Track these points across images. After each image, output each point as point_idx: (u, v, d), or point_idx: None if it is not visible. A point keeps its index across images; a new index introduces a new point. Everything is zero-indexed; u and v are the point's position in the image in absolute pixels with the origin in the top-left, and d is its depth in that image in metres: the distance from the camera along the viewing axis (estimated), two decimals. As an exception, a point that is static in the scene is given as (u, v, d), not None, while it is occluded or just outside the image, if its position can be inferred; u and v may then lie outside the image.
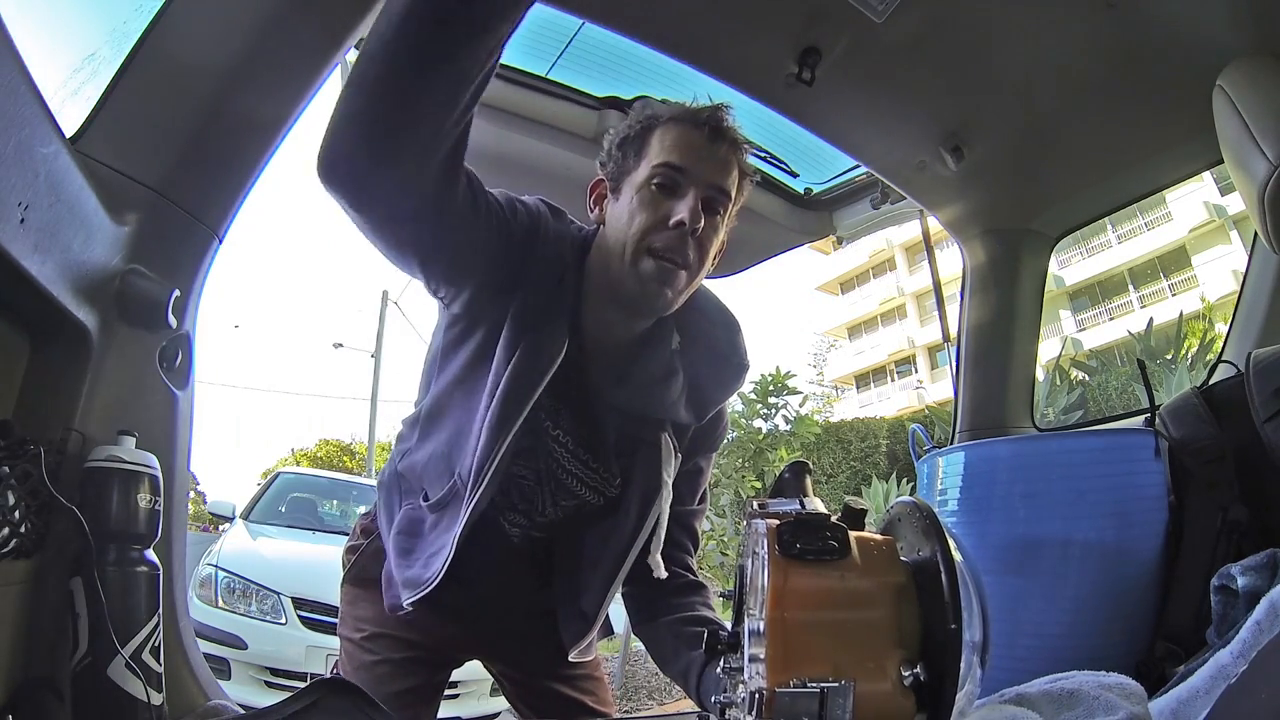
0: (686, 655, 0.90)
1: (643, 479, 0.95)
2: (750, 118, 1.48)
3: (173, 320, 0.83)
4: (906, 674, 0.50)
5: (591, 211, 0.94)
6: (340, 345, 15.56)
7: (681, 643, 0.91)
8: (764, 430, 6.04)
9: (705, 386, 0.96)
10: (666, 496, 0.95)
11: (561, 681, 1.12)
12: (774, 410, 6.03)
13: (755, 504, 0.67)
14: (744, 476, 5.69)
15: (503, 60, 1.35)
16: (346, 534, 1.27)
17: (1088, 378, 8.38)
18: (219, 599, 3.32)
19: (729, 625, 0.72)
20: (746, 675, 0.56)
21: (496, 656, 1.18)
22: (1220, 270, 15.52)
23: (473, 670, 1.45)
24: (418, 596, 0.93)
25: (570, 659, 1.02)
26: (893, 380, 25.21)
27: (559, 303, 0.87)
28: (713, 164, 0.86)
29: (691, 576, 1.02)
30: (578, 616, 0.99)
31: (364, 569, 1.10)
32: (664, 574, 0.95)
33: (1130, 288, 19.19)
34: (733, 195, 0.88)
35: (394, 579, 0.99)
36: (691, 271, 0.86)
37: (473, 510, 0.87)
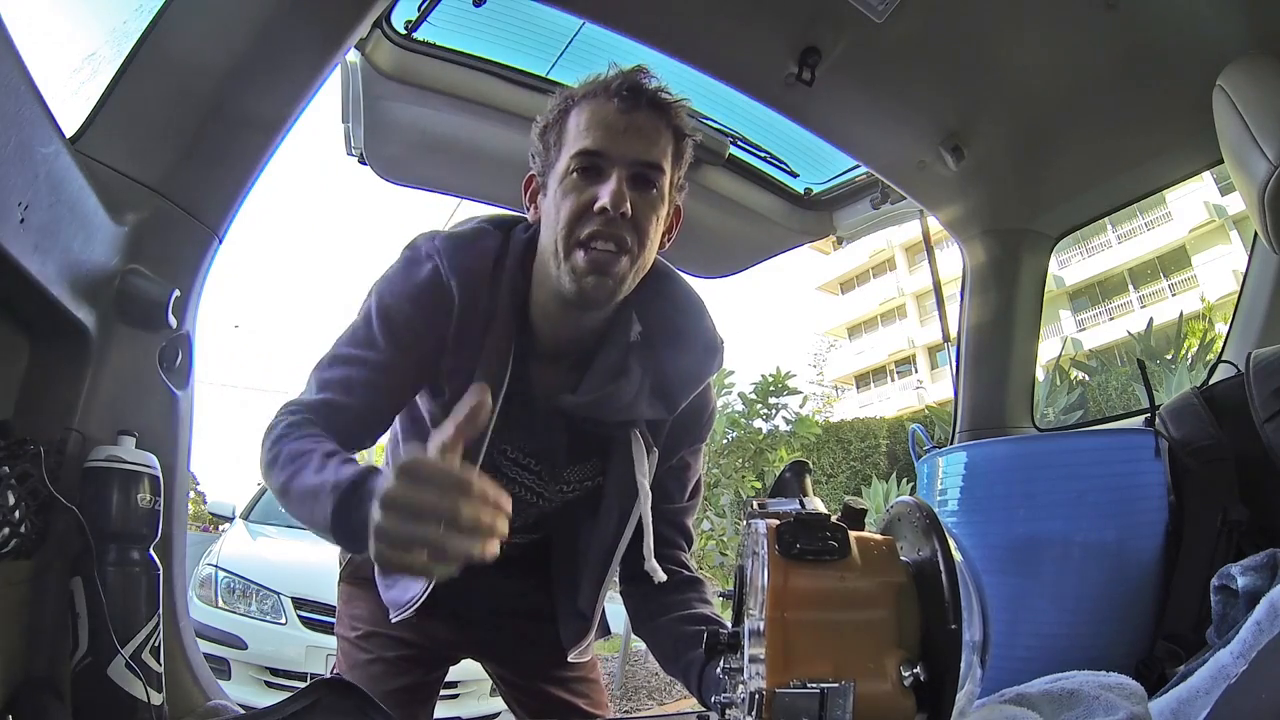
0: (686, 655, 0.90)
1: (617, 479, 0.92)
2: (750, 118, 1.48)
3: (173, 320, 0.83)
4: (906, 674, 0.50)
5: (529, 210, 0.89)
6: (340, 345, 15.50)
7: (681, 642, 0.91)
8: (764, 430, 6.04)
9: (672, 375, 0.89)
10: (644, 498, 0.90)
11: (556, 684, 1.12)
12: (774, 410, 6.03)
13: (755, 504, 0.67)
14: (744, 476, 5.69)
15: (503, 60, 1.36)
16: (347, 534, 1.28)
17: (1088, 378, 8.37)
18: (219, 599, 3.32)
19: (726, 620, 0.72)
20: (746, 675, 0.56)
21: (492, 657, 1.18)
22: (1220, 270, 15.51)
23: (472, 670, 1.45)
24: (401, 616, 0.98)
25: (570, 659, 1.02)
26: (893, 380, 25.20)
27: (490, 338, 0.84)
28: (631, 137, 0.79)
29: (687, 572, 1.01)
30: (575, 616, 0.99)
31: (358, 568, 1.10)
32: (663, 577, 0.93)
33: (1130, 288, 19.18)
34: (666, 164, 0.82)
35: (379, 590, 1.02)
36: (632, 255, 0.80)
37: None
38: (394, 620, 0.99)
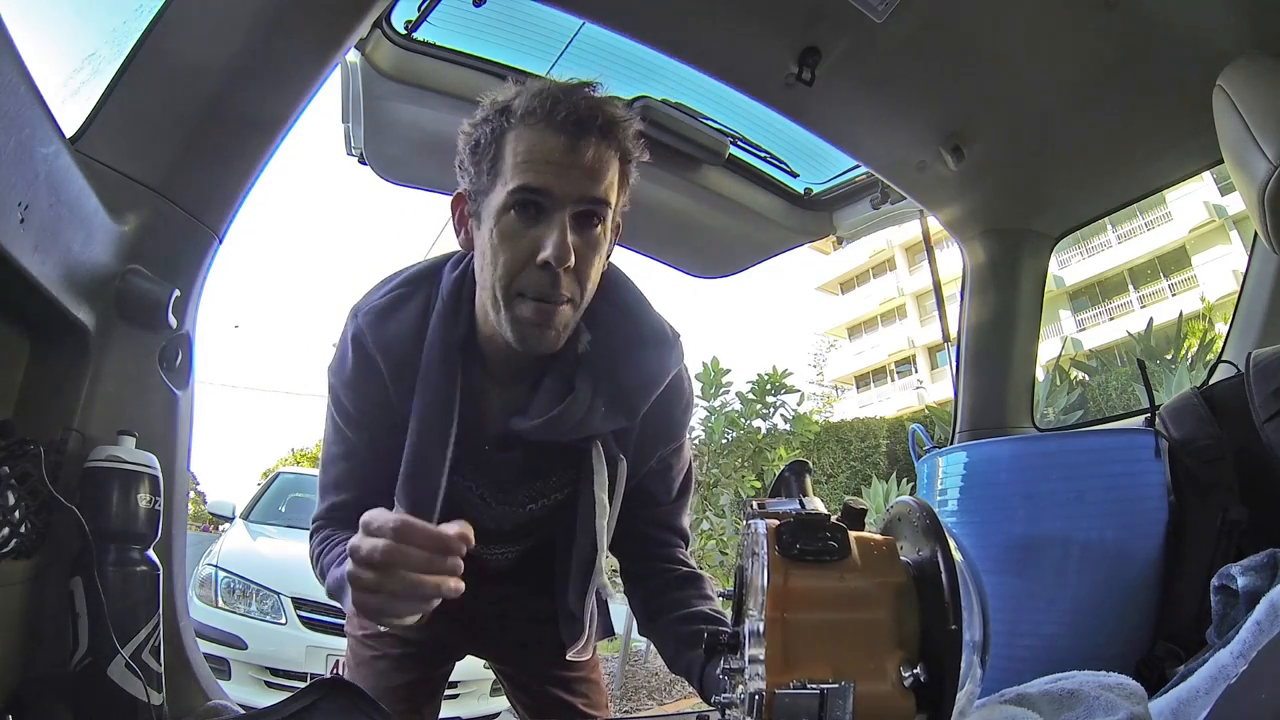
0: (687, 654, 0.90)
1: (587, 492, 0.89)
2: (750, 118, 1.48)
3: (173, 320, 0.83)
4: (906, 674, 0.50)
5: (459, 235, 0.83)
6: (340, 345, 15.53)
7: (681, 643, 0.91)
8: (763, 430, 6.04)
9: (627, 382, 0.85)
10: (602, 513, 0.87)
11: (558, 684, 1.13)
12: (772, 409, 6.03)
13: (755, 504, 0.66)
14: (743, 476, 5.70)
15: (503, 60, 1.36)
16: (346, 534, 1.29)
17: (1088, 378, 8.37)
18: (219, 599, 3.32)
19: (727, 615, 0.72)
20: (746, 676, 0.56)
21: (495, 655, 1.19)
22: (1220, 270, 15.51)
23: (473, 670, 1.46)
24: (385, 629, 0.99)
25: (568, 658, 1.03)
26: (893, 380, 25.19)
27: (430, 386, 0.82)
28: (578, 174, 0.72)
29: (685, 569, 0.99)
30: (569, 618, 0.99)
31: None
32: (610, 595, 0.93)
33: (1130, 288, 19.17)
34: (612, 196, 0.76)
35: None
36: (574, 303, 0.76)
37: None
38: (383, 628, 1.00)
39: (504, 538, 1.00)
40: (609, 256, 0.84)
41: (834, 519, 0.57)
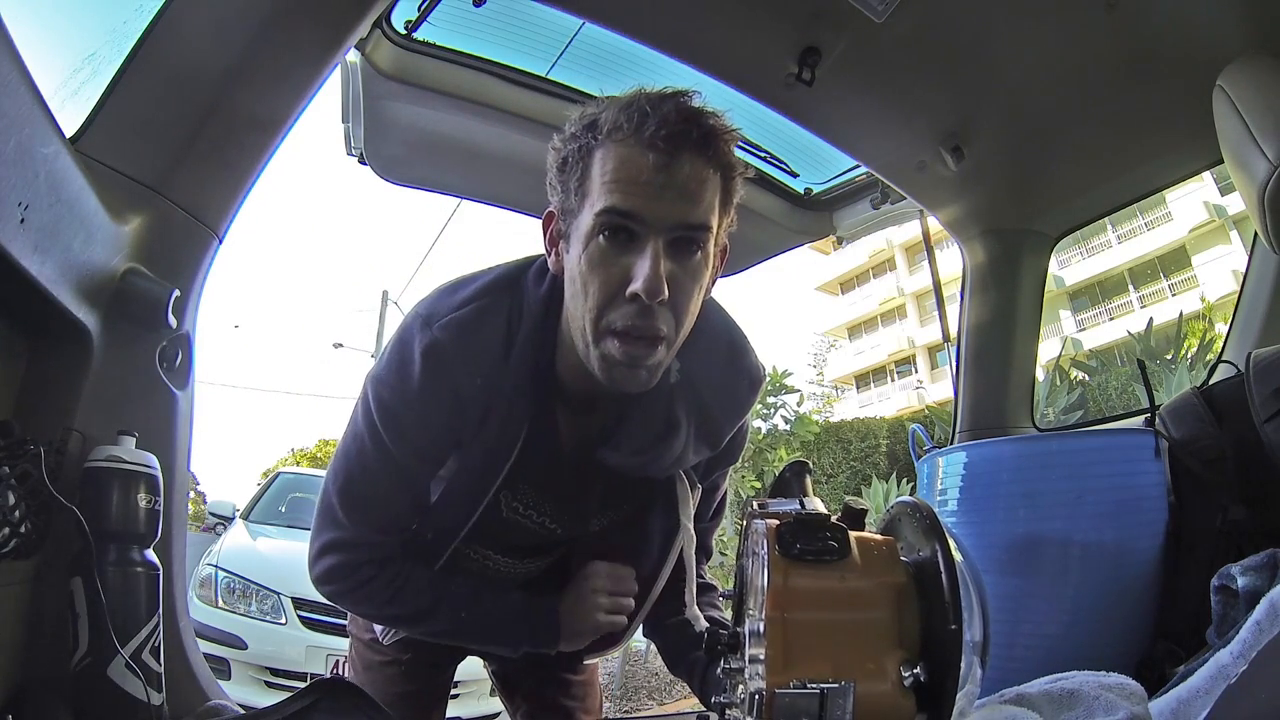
0: (690, 655, 0.90)
1: (660, 518, 0.87)
2: (750, 118, 1.48)
3: (173, 320, 0.83)
4: (907, 674, 0.50)
5: (549, 255, 0.76)
6: (340, 345, 15.54)
7: (686, 643, 0.91)
8: (763, 430, 6.05)
9: (716, 414, 0.82)
10: (689, 542, 0.86)
11: (558, 687, 1.13)
12: (773, 410, 6.04)
13: (755, 504, 0.67)
14: (744, 476, 5.70)
15: (503, 60, 1.36)
16: (346, 534, 1.27)
17: (1088, 378, 8.37)
18: (219, 599, 3.32)
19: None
20: (746, 676, 0.56)
21: (501, 657, 1.18)
22: (1220, 270, 15.51)
23: (473, 670, 1.46)
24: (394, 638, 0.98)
25: (584, 661, 1.02)
26: (893, 380, 25.18)
27: (505, 406, 0.76)
28: (672, 196, 0.65)
29: (701, 580, 1.00)
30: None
31: None
32: (704, 625, 0.88)
33: (1130, 288, 19.17)
34: (713, 219, 0.68)
35: None
36: (669, 341, 0.69)
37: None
38: (386, 642, 0.99)
39: (545, 552, 0.99)
40: (713, 284, 0.77)
41: (834, 519, 0.57)
